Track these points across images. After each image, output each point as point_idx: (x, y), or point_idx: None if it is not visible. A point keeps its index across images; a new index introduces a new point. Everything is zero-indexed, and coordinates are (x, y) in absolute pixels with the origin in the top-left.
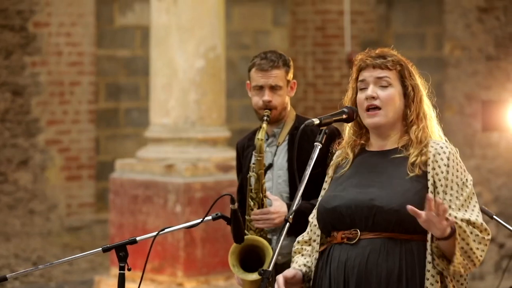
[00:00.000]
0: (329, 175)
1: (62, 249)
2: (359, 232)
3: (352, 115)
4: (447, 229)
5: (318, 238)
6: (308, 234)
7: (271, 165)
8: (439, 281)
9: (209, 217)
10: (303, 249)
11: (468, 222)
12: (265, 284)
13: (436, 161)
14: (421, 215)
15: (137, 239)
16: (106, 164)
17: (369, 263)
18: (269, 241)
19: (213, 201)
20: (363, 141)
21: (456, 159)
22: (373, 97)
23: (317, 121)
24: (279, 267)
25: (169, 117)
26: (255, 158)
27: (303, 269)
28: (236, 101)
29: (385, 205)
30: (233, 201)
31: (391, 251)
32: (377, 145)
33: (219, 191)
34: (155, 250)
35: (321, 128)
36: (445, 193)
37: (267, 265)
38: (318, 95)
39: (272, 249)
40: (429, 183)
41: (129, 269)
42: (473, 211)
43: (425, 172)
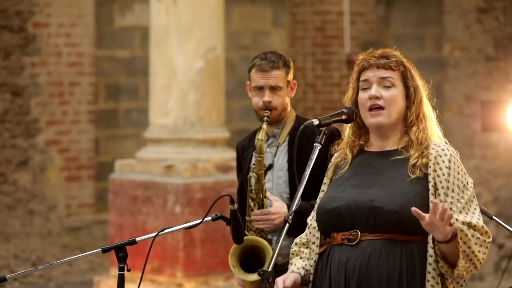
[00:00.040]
0: (328, 176)
1: (61, 249)
2: (360, 233)
3: (351, 116)
4: (449, 233)
5: (317, 240)
6: (306, 236)
7: (271, 166)
8: (439, 283)
9: (209, 218)
10: (301, 251)
11: (469, 225)
12: (264, 284)
13: (437, 164)
14: (425, 217)
15: (137, 239)
16: (105, 164)
17: (370, 264)
18: (269, 242)
19: (212, 201)
20: (362, 142)
21: (457, 162)
22: (377, 97)
23: (316, 122)
24: (279, 267)
25: (169, 117)
26: (255, 158)
27: (302, 272)
28: (235, 101)
29: (385, 206)
30: (232, 202)
31: (392, 253)
32: (377, 145)
33: (218, 192)
34: (155, 250)
35: (321, 128)
36: (446, 195)
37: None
38: (317, 95)
39: (272, 249)
40: (430, 185)
41: (129, 270)
42: (473, 214)
43: (426, 174)
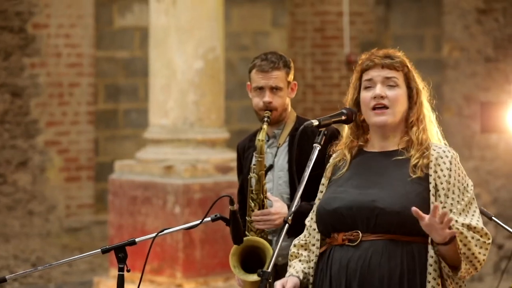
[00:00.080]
0: (326, 177)
1: (61, 250)
2: (361, 233)
3: (351, 117)
4: (448, 236)
5: (317, 242)
6: (305, 237)
7: (271, 166)
8: (440, 284)
9: (208, 218)
10: (299, 254)
11: (468, 227)
12: (264, 285)
13: (438, 165)
14: (424, 218)
15: (136, 240)
16: (105, 165)
17: (371, 265)
18: (269, 242)
19: (212, 202)
20: (361, 142)
21: (457, 164)
22: (382, 96)
23: (316, 123)
24: (279, 268)
25: (168, 118)
26: (255, 159)
27: (301, 276)
28: (235, 102)
29: (386, 207)
30: (232, 202)
31: (393, 253)
32: (378, 145)
33: (218, 192)
34: (154, 251)
35: (320, 129)
36: (446, 196)
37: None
38: (317, 96)
39: (272, 250)
40: (431, 186)
41: (128, 270)
42: (473, 216)
43: (427, 174)
